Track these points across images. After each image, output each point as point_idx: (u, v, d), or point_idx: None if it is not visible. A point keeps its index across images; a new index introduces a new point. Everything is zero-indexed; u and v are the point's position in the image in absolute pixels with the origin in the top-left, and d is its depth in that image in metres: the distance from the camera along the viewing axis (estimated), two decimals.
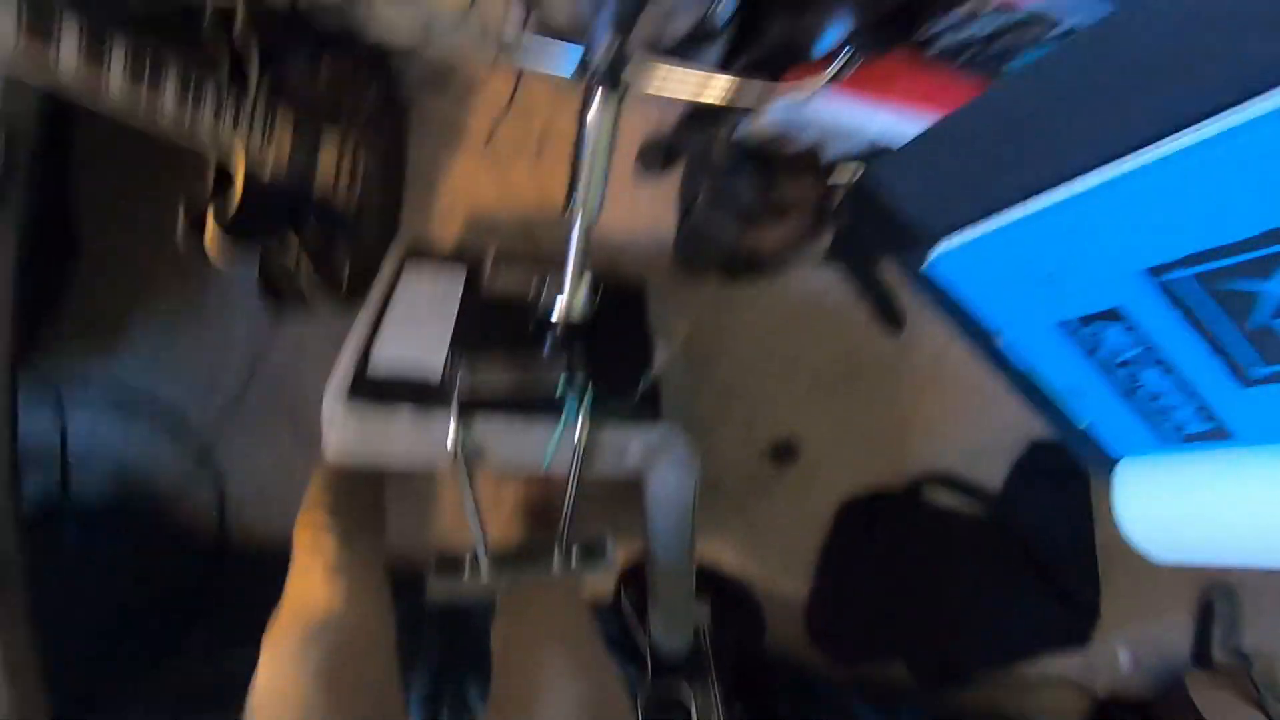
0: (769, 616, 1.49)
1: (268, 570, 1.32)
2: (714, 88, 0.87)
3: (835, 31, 0.75)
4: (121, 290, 1.25)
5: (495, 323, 0.95)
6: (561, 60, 0.76)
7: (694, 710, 1.19)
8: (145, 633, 1.10)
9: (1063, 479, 1.45)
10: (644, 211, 1.29)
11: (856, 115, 0.83)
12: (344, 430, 0.78)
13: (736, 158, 1.16)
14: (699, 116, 1.19)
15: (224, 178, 0.82)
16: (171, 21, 0.83)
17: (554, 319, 0.92)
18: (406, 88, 1.18)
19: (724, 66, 0.93)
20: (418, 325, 0.90)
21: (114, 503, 1.31)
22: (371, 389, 0.79)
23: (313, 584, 0.86)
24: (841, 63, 0.76)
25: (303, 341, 1.30)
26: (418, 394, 0.79)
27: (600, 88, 0.72)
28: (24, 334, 1.17)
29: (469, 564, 0.89)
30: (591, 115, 0.77)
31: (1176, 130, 0.45)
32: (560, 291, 0.92)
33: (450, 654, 1.14)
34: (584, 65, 0.68)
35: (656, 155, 1.29)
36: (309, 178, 0.93)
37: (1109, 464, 0.65)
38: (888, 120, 0.74)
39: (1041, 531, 1.43)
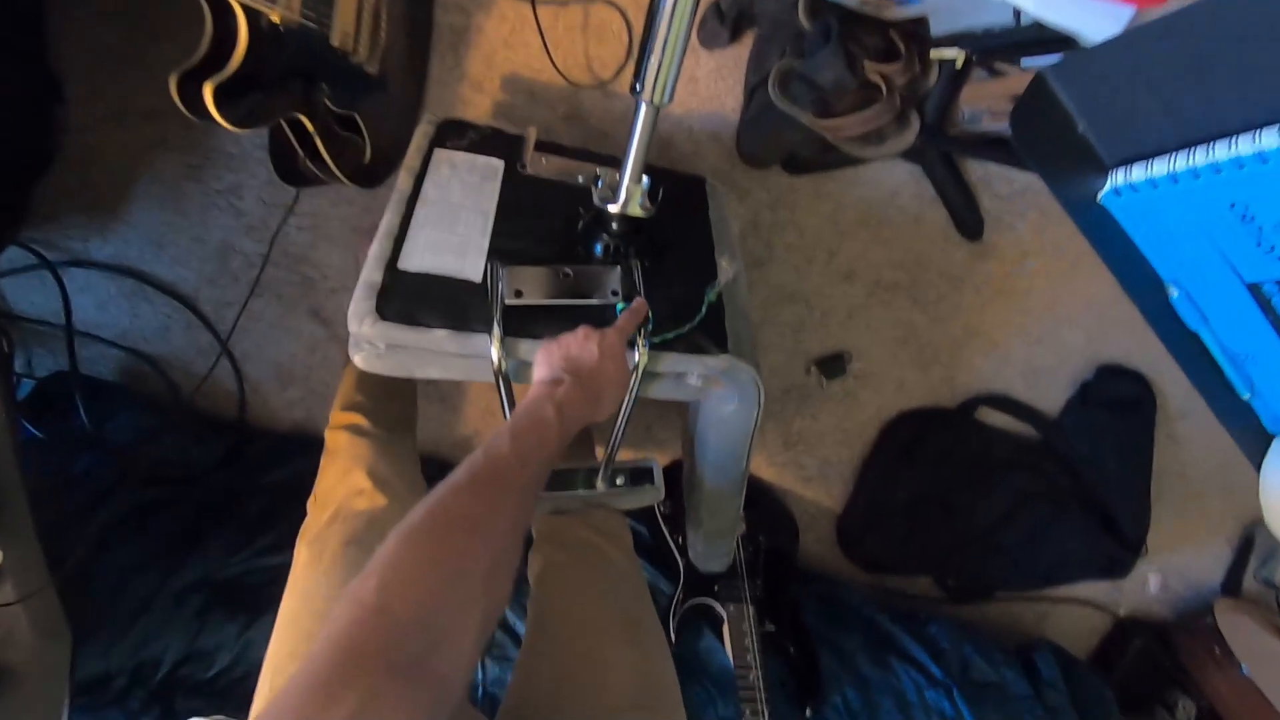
0: (801, 526, 1.46)
1: (288, 453, 1.29)
2: None
3: None
4: (117, 158, 1.12)
5: (539, 220, 0.82)
6: None
7: (727, 621, 1.17)
8: (165, 519, 1.07)
9: (1125, 409, 1.36)
10: (703, 90, 1.12)
11: None
12: (373, 350, 0.69)
13: (822, 27, 0.98)
14: None
15: (223, 29, 0.68)
16: None
17: (608, 216, 0.80)
18: None
19: None
20: (451, 224, 0.78)
21: (126, 383, 1.25)
22: (402, 306, 0.68)
23: (353, 486, 0.81)
24: None
25: (320, 220, 1.18)
26: (453, 310, 0.69)
27: None
28: (16, 199, 1.06)
29: None
30: None
31: None
32: (616, 184, 0.80)
33: None
34: None
35: (722, 22, 1.10)
36: (324, 29, 0.78)
37: (1264, 439, 0.56)
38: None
39: (1096, 461, 1.37)
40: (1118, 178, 0.49)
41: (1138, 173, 0.48)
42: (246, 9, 0.67)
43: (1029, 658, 1.39)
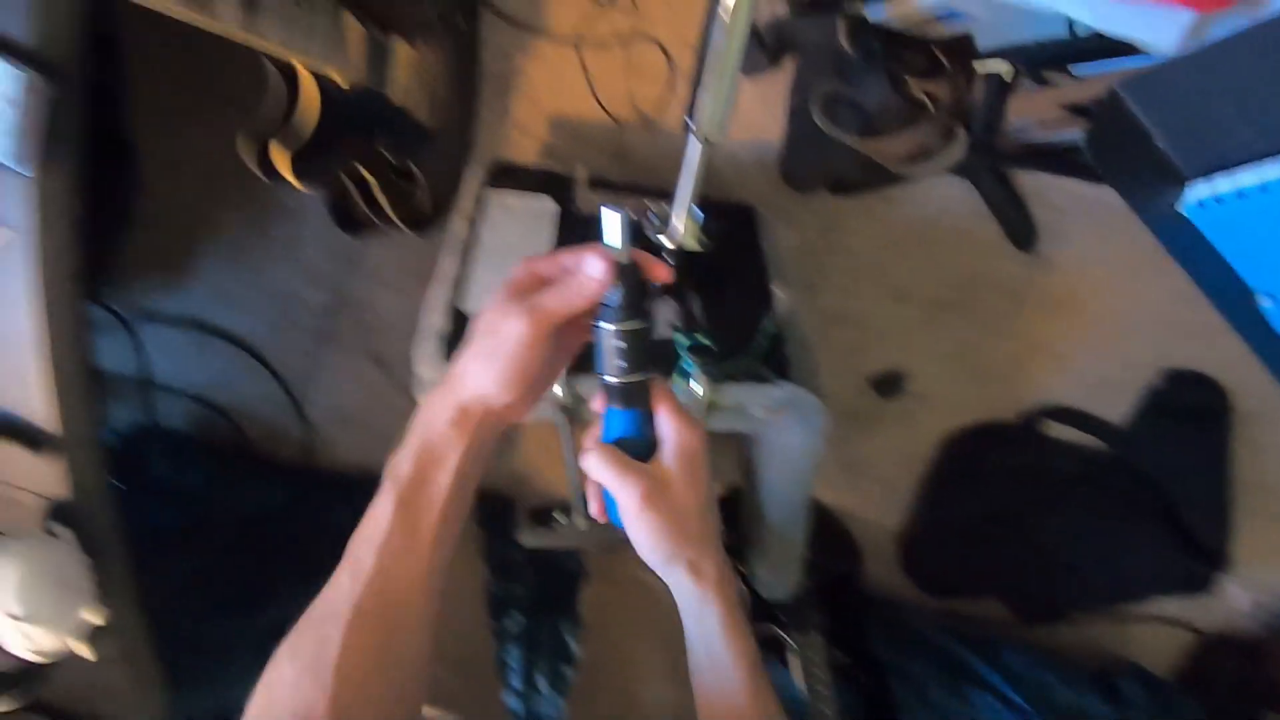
0: (863, 550, 1.43)
1: (353, 494, 1.31)
2: None
3: None
4: (185, 217, 1.18)
5: None
6: None
7: (795, 651, 1.15)
8: (242, 563, 1.10)
9: (1199, 417, 1.31)
10: (745, 117, 1.13)
11: None
12: None
13: (865, 50, 0.99)
14: None
15: (292, 94, 0.71)
16: None
17: (663, 250, 0.81)
18: None
19: None
20: (508, 265, 0.80)
21: (198, 432, 1.29)
22: None
23: None
24: None
25: (381, 269, 1.22)
26: None
27: None
28: (94, 262, 1.12)
29: (562, 518, 0.83)
30: (726, 5, 0.62)
31: None
32: (668, 218, 0.80)
33: (544, 597, 1.12)
34: None
35: (763, 49, 1.11)
36: (383, 88, 0.81)
37: None
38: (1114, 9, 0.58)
39: (1171, 471, 1.31)
40: (1200, 189, 0.48)
41: (1222, 183, 0.47)
42: (312, 72, 0.70)
43: (1111, 682, 1.33)
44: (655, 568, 0.48)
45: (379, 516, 0.43)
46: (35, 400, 0.56)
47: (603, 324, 0.44)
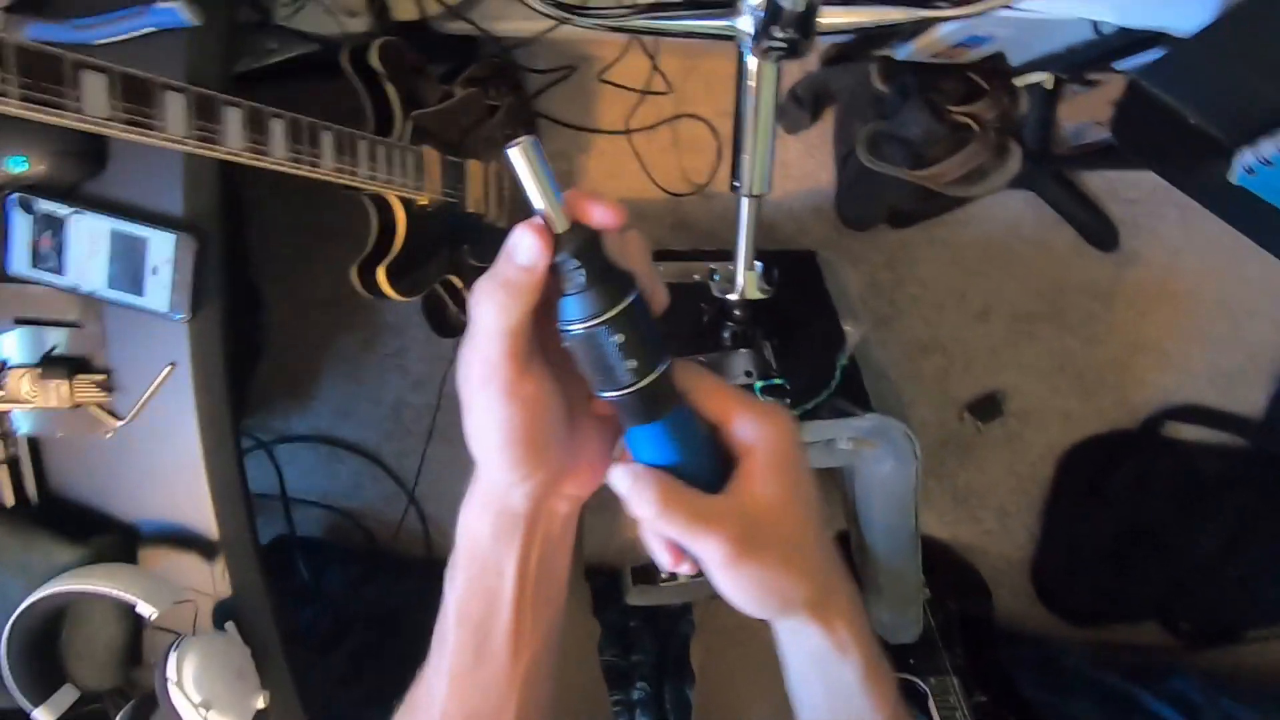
0: (991, 584, 1.36)
1: None
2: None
3: None
4: (306, 346, 1.32)
5: (666, 323, 0.88)
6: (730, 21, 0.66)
7: (931, 698, 1.09)
8: (382, 657, 1.17)
9: None
10: (795, 171, 1.18)
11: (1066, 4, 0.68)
12: None
13: (899, 86, 1.02)
14: (851, 49, 1.06)
15: (386, 220, 0.82)
16: (311, 74, 0.84)
17: (730, 305, 0.85)
18: (533, 92, 1.14)
19: None
20: None
21: (332, 538, 1.40)
22: None
23: None
24: None
25: None
26: None
27: (765, 43, 0.62)
28: (237, 395, 1.26)
29: (665, 572, 0.85)
30: (752, 75, 0.68)
31: None
32: (731, 275, 0.85)
33: (663, 658, 1.12)
34: (769, 20, 0.58)
35: (801, 106, 1.17)
36: (460, 201, 0.91)
37: None
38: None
39: None
40: (1247, 157, 0.48)
41: (1267, 146, 0.47)
42: (401, 198, 0.80)
43: None
44: (768, 618, 0.37)
45: (444, 645, 0.37)
46: (203, 512, 0.65)
47: (575, 325, 0.31)
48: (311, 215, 1.23)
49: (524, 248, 0.29)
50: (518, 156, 0.29)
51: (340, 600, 1.27)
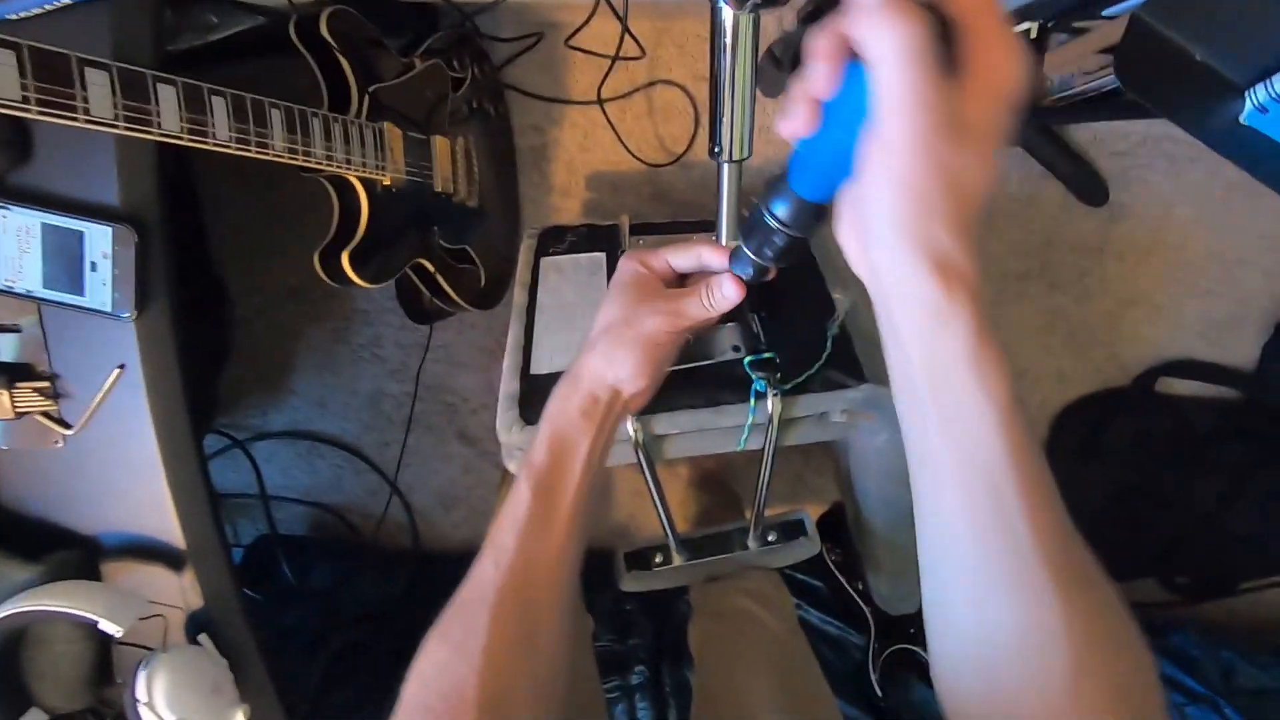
0: None
1: (462, 571, 1.35)
2: None
3: None
4: (277, 340, 1.27)
5: None
6: None
7: None
8: (372, 654, 1.14)
9: None
10: (776, 135, 1.13)
11: None
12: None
13: None
14: (829, 2, 1.02)
15: (348, 204, 0.77)
16: (258, 50, 0.78)
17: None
18: (499, 63, 1.09)
19: None
20: (570, 324, 0.82)
21: (315, 534, 1.36)
22: (542, 408, 0.72)
23: None
24: None
25: (452, 349, 1.27)
26: None
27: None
28: (203, 393, 1.22)
29: (659, 556, 0.83)
30: (728, 31, 0.63)
31: None
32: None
33: (660, 640, 1.10)
34: None
35: (779, 68, 1.12)
36: (427, 180, 0.87)
37: None
38: None
39: None
40: (1258, 94, 0.45)
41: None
42: (363, 180, 0.75)
43: None
44: (874, 254, 0.32)
45: (518, 504, 0.44)
46: (166, 520, 0.62)
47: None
48: (274, 203, 1.18)
49: (733, 292, 0.50)
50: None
51: (327, 597, 1.24)
